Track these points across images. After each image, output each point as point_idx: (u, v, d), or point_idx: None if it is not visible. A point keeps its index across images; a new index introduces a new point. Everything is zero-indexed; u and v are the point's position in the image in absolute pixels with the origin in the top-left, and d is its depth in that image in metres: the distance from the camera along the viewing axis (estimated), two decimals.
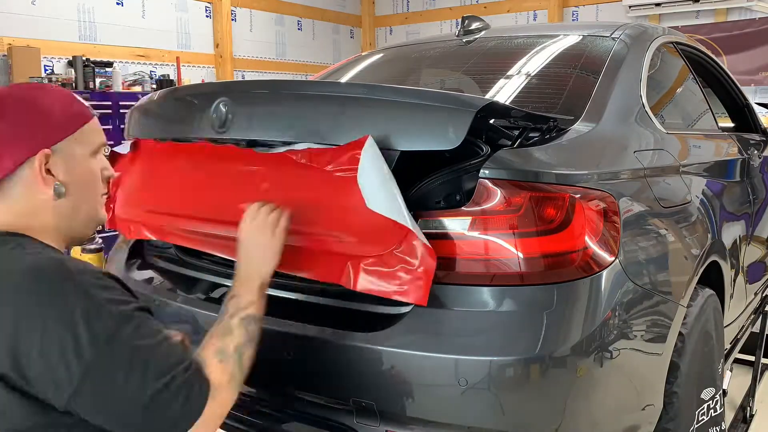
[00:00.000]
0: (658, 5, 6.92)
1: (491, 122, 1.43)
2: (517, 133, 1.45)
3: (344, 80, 2.42)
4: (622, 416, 1.53)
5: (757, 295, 2.89)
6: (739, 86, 3.09)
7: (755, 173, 2.74)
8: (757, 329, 3.03)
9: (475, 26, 2.49)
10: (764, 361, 3.12)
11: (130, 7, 6.27)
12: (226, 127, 1.57)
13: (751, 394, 2.91)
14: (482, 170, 1.34)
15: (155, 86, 6.05)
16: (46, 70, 5.54)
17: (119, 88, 5.69)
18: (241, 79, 7.13)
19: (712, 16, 6.93)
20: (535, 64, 2.11)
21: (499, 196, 1.34)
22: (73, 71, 5.48)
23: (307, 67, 8.07)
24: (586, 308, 1.36)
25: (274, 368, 1.47)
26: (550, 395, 1.34)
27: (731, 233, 2.24)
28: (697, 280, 1.80)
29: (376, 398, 1.37)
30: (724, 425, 1.97)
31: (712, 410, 1.88)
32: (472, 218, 1.34)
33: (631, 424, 1.56)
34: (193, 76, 6.73)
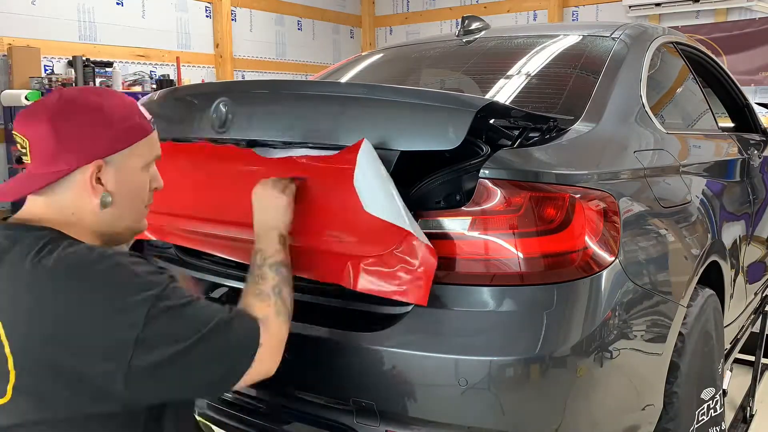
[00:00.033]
0: (658, 5, 6.92)
1: (491, 122, 1.43)
2: (517, 133, 1.45)
3: (344, 80, 2.42)
4: (622, 416, 1.53)
5: (757, 295, 2.89)
6: (739, 86, 3.09)
7: (755, 173, 2.74)
8: (757, 329, 3.03)
9: (475, 26, 2.49)
10: (764, 361, 3.11)
11: (130, 7, 6.27)
12: (226, 127, 1.57)
13: (751, 394, 2.90)
14: (482, 170, 1.34)
15: (155, 86, 6.05)
16: (46, 70, 5.54)
17: (119, 88, 5.69)
18: (241, 79, 7.13)
19: (712, 16, 6.93)
20: (535, 64, 2.11)
21: (499, 196, 1.34)
22: (73, 71, 5.48)
23: (307, 67, 8.07)
24: (586, 308, 1.36)
25: None
26: (550, 395, 1.34)
27: (731, 233, 2.24)
28: (697, 280, 1.80)
29: (376, 398, 1.37)
30: (724, 425, 1.97)
31: (712, 410, 1.88)
32: (472, 218, 1.34)
33: (631, 424, 1.57)
34: (193, 76, 6.73)
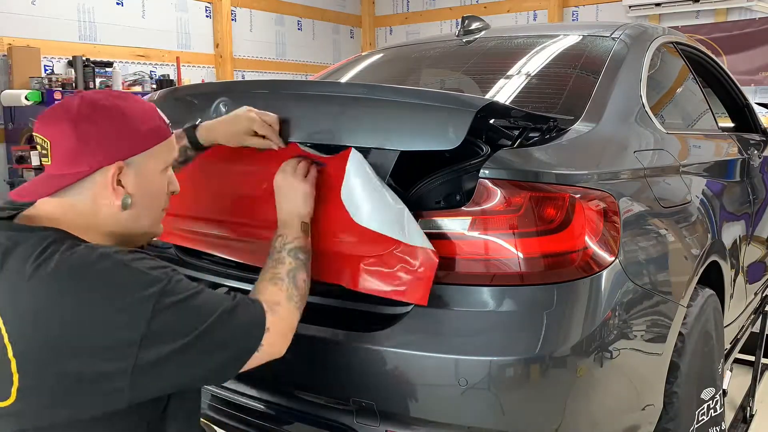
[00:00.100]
0: (658, 5, 6.92)
1: (491, 122, 1.43)
2: (517, 133, 1.45)
3: (344, 80, 2.42)
4: (622, 416, 1.53)
5: (757, 295, 2.89)
6: (739, 86, 3.09)
7: (755, 173, 2.74)
8: (757, 329, 3.03)
9: (475, 26, 2.49)
10: (764, 361, 3.11)
11: (130, 7, 6.27)
12: None
13: (751, 394, 2.90)
14: (482, 170, 1.34)
15: (155, 86, 6.05)
16: (46, 70, 5.54)
17: (119, 88, 5.68)
18: (241, 79, 7.12)
19: (712, 16, 6.93)
20: (535, 64, 2.11)
21: (499, 196, 1.34)
22: (73, 71, 5.48)
23: (307, 67, 8.06)
24: (586, 308, 1.36)
25: (274, 368, 1.46)
26: (550, 395, 1.34)
27: (731, 233, 2.24)
28: (697, 280, 1.80)
29: (376, 398, 1.37)
30: (724, 425, 1.97)
31: (712, 410, 1.88)
32: (472, 218, 1.34)
33: (631, 424, 1.56)
34: (193, 76, 6.72)
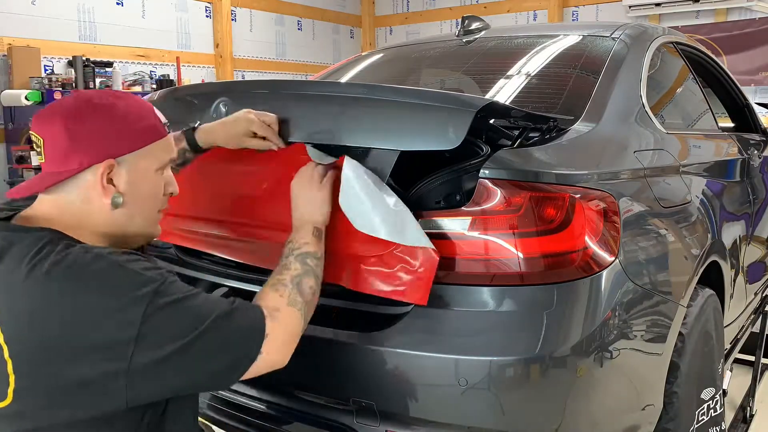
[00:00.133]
0: (658, 5, 6.92)
1: (491, 122, 1.43)
2: (517, 133, 1.45)
3: (344, 80, 2.42)
4: (622, 416, 1.53)
5: (757, 295, 2.89)
6: (739, 86, 3.09)
7: (755, 173, 2.74)
8: (757, 329, 3.03)
9: (475, 26, 2.49)
10: (764, 361, 3.11)
11: (130, 7, 6.27)
12: None
13: (751, 394, 2.90)
14: (482, 170, 1.34)
15: (155, 86, 6.05)
16: (46, 70, 5.53)
17: (119, 88, 5.68)
18: (241, 79, 7.13)
19: (712, 16, 6.93)
20: (535, 64, 2.11)
21: (499, 196, 1.34)
22: (73, 71, 5.47)
23: (307, 67, 8.06)
24: (586, 308, 1.36)
25: None
26: (550, 395, 1.34)
27: (731, 233, 2.24)
28: (697, 280, 1.80)
29: (376, 398, 1.37)
30: (724, 425, 1.97)
31: (712, 410, 1.88)
32: (472, 218, 1.34)
33: (631, 424, 1.56)
34: (193, 76, 6.72)
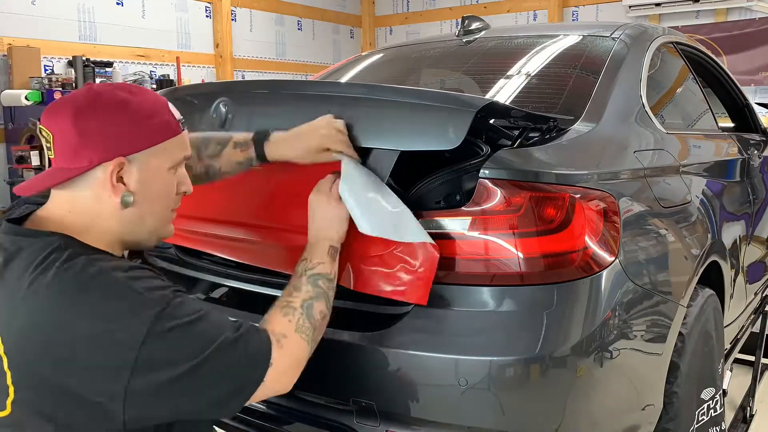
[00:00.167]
0: (658, 5, 6.92)
1: (491, 122, 1.43)
2: (517, 133, 1.45)
3: (344, 80, 2.42)
4: (622, 416, 1.53)
5: (757, 295, 2.89)
6: (739, 86, 3.09)
7: (755, 173, 2.74)
8: (757, 329, 3.03)
9: (475, 26, 2.48)
10: (764, 361, 3.11)
11: (130, 7, 6.26)
12: (226, 127, 1.57)
13: (751, 394, 2.90)
14: (482, 170, 1.34)
15: (155, 86, 6.04)
16: (46, 70, 5.53)
17: None
18: (241, 79, 7.12)
19: (712, 16, 6.93)
20: (535, 64, 2.11)
21: (499, 196, 1.34)
22: (73, 71, 5.47)
23: (307, 67, 8.06)
24: (586, 308, 1.36)
25: None
26: (550, 395, 1.34)
27: (731, 233, 2.24)
28: (697, 280, 1.80)
29: (376, 398, 1.37)
30: (724, 425, 1.97)
31: (712, 410, 1.88)
32: (472, 218, 1.34)
33: (631, 424, 1.56)
34: (193, 76, 6.72)
